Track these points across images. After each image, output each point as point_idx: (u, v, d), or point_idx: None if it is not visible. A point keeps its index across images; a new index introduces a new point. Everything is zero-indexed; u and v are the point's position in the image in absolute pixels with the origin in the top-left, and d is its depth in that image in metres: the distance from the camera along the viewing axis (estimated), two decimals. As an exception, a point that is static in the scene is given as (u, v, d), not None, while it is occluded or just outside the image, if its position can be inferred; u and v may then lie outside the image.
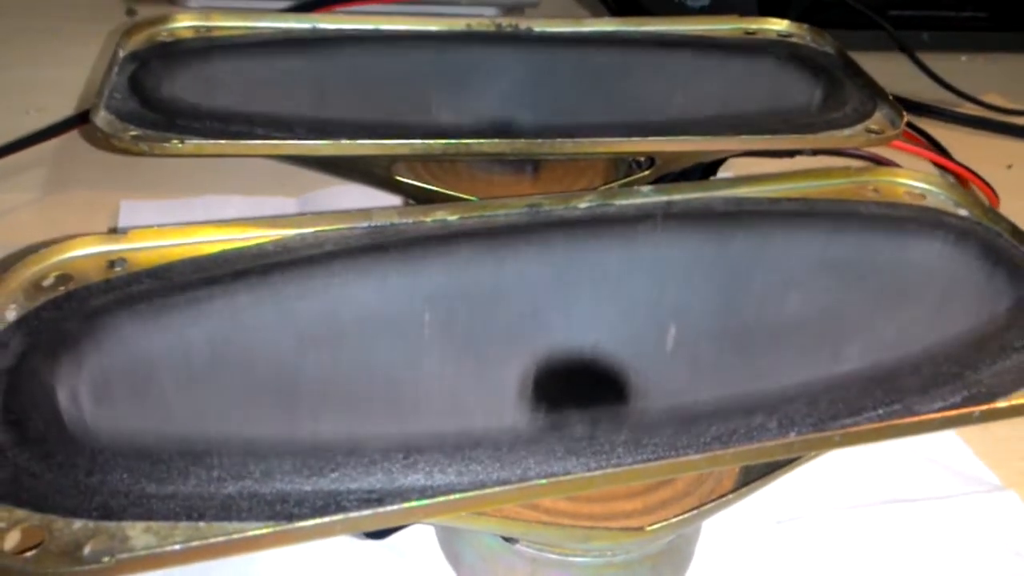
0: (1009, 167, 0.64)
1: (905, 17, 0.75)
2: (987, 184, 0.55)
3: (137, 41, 0.49)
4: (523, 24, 0.53)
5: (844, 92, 0.48)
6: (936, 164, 0.57)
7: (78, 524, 0.24)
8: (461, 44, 0.52)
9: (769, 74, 0.51)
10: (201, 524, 0.24)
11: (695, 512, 0.30)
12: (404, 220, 0.37)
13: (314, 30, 0.52)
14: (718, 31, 0.55)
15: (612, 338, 0.36)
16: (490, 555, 0.32)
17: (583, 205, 0.38)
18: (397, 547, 0.36)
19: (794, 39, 0.54)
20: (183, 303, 0.32)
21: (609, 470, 0.26)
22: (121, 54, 0.47)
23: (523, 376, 0.35)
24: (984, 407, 0.29)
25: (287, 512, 0.25)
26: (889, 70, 0.51)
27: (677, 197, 0.39)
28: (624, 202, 0.39)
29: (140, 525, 0.24)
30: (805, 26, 0.54)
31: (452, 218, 0.37)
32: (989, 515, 0.39)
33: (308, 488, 0.25)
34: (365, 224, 0.36)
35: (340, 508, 0.25)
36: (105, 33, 0.69)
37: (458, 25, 0.53)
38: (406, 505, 0.25)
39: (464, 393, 0.34)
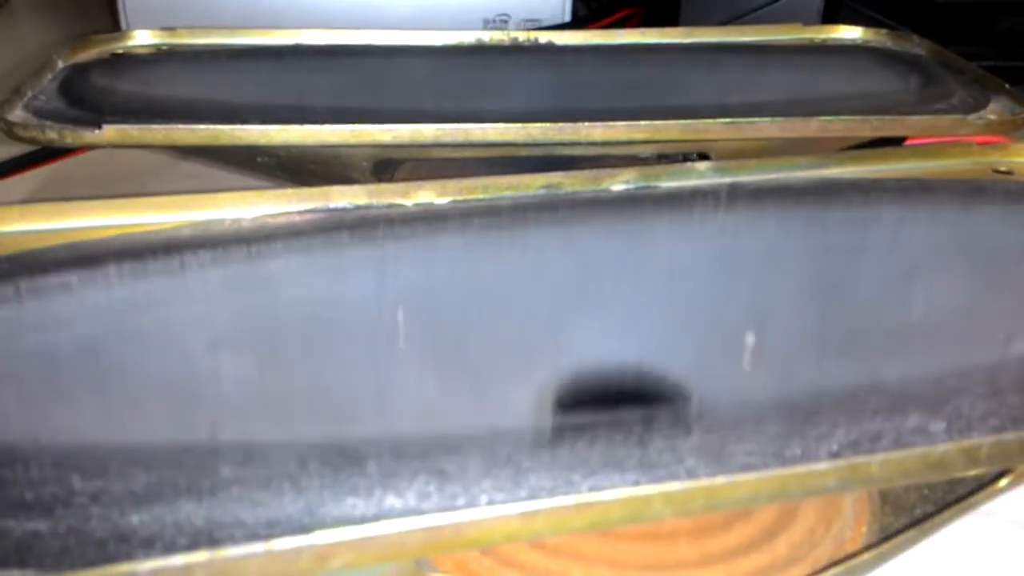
0: None
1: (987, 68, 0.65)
2: None
3: (83, 55, 0.41)
4: (543, 37, 0.45)
5: (947, 85, 0.38)
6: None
7: None
8: (469, 56, 0.43)
9: (851, 69, 0.42)
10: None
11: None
12: (374, 202, 0.27)
13: (298, 46, 0.44)
14: (779, 41, 0.45)
15: (661, 353, 0.25)
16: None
17: (617, 187, 0.29)
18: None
19: (873, 45, 0.45)
20: (50, 291, 0.23)
21: (675, 483, 0.15)
22: (60, 64, 0.39)
23: (536, 407, 0.24)
24: None
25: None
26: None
27: (744, 178, 0.29)
28: (672, 184, 0.29)
29: None
30: (884, 31, 0.45)
31: (441, 200, 0.28)
32: None
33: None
34: (321, 205, 0.27)
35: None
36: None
37: (467, 39, 0.44)
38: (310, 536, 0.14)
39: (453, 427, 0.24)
